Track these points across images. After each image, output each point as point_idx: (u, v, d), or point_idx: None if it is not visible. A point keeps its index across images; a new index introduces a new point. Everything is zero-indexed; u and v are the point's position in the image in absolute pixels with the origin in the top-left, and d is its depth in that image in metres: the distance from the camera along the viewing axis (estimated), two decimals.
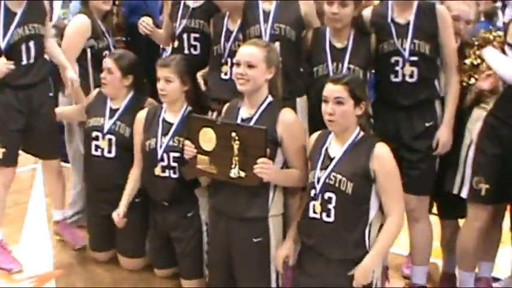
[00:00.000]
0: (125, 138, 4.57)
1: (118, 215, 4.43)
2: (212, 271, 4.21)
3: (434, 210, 4.58)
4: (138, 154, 4.51)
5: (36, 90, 4.64)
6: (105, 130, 4.59)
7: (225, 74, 4.49)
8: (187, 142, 3.97)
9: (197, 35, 4.76)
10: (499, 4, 7.84)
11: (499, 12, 7.98)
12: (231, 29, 4.53)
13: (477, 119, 4.15)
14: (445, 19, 4.10)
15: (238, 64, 3.87)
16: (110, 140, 4.57)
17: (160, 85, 4.33)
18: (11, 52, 4.47)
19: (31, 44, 4.55)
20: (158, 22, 5.37)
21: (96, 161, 4.62)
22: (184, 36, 4.77)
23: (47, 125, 4.71)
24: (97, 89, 4.83)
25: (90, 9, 4.99)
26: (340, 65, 4.11)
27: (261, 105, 3.90)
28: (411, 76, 4.09)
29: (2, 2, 4.48)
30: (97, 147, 4.60)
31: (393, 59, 4.10)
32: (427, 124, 4.15)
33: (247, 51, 3.87)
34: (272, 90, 3.93)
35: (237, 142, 3.73)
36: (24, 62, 4.53)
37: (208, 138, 3.87)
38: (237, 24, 4.50)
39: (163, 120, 4.40)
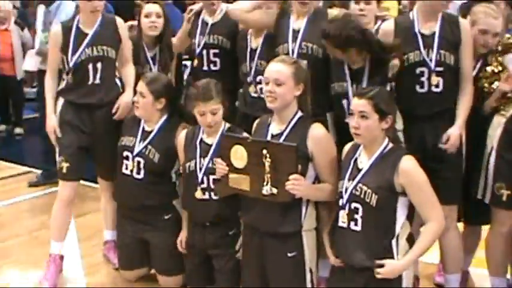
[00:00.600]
0: (153, 163, 4.57)
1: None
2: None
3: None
4: None
5: (101, 111, 4.75)
6: (135, 152, 4.62)
7: (255, 92, 4.57)
8: (218, 160, 4.03)
9: (217, 51, 4.85)
10: None
11: None
12: (254, 47, 4.59)
13: (497, 125, 4.21)
14: (467, 32, 4.16)
15: (267, 82, 3.93)
16: (138, 162, 4.59)
17: (208, 118, 4.27)
18: (78, 70, 4.65)
19: (98, 65, 4.69)
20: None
21: (125, 179, 4.66)
22: (204, 52, 4.85)
23: (107, 147, 4.78)
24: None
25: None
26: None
27: (290, 120, 3.94)
28: (437, 86, 4.13)
29: (75, 22, 4.70)
30: (127, 166, 4.65)
31: (418, 70, 4.14)
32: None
33: (275, 69, 3.91)
34: (301, 106, 3.98)
35: (268, 159, 3.78)
36: (90, 81, 4.68)
37: (239, 156, 3.92)
38: (260, 41, 4.57)
39: (201, 141, 4.39)
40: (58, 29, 4.74)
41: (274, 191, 3.81)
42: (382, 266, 3.61)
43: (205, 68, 4.89)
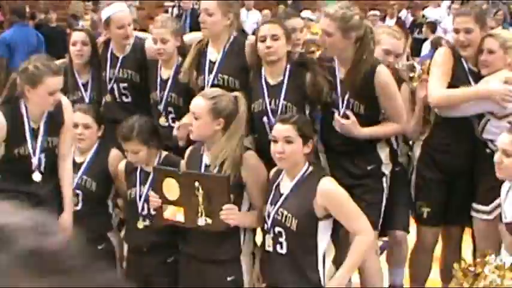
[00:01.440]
0: (91, 192, 4.52)
1: None
2: None
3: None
4: None
5: None
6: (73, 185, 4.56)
7: (165, 121, 4.67)
8: (151, 193, 4.06)
9: (126, 85, 4.91)
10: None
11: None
12: (165, 78, 4.68)
13: (417, 146, 4.42)
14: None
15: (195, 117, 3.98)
16: (77, 194, 4.51)
17: (129, 157, 4.31)
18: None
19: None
20: None
21: None
22: (115, 86, 4.91)
23: None
24: None
25: None
26: (275, 101, 4.22)
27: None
28: None
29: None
30: None
31: (332, 110, 4.22)
32: (369, 167, 4.28)
33: (193, 102, 4.01)
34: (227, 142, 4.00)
35: (201, 191, 3.83)
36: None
37: (172, 188, 3.95)
38: (171, 73, 4.67)
39: (141, 170, 4.35)
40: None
41: (209, 221, 3.86)
42: None
43: (117, 100, 4.93)
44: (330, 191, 3.75)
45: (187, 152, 4.19)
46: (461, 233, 4.61)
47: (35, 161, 4.14)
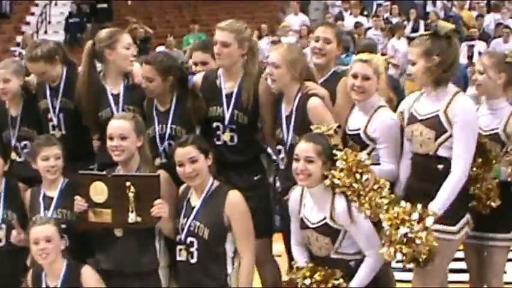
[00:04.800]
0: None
1: None
2: None
3: None
4: None
5: None
6: None
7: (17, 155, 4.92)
8: (77, 197, 4.25)
9: None
10: None
11: None
12: (14, 115, 4.93)
13: None
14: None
15: (111, 138, 4.29)
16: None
17: (51, 162, 4.45)
18: None
19: None
20: None
21: None
22: None
23: None
24: None
25: None
26: (164, 126, 4.61)
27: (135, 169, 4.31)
28: (231, 140, 4.62)
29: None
30: None
31: (215, 124, 4.62)
32: (255, 177, 4.68)
33: (117, 124, 4.31)
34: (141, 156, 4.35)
35: (132, 190, 4.11)
36: None
37: (99, 191, 4.19)
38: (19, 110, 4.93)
39: (44, 195, 4.50)
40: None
41: (139, 219, 4.14)
42: None
43: None
44: (238, 203, 4.19)
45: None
46: None
47: None
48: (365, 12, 17.64)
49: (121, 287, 4.25)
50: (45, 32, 20.10)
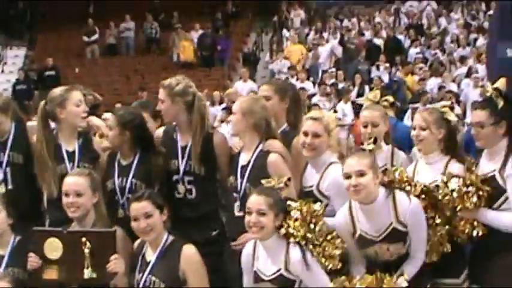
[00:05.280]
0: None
1: None
2: None
3: None
4: None
5: None
6: None
7: None
8: (31, 254, 4.21)
9: None
10: None
11: None
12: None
13: None
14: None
15: (66, 194, 4.31)
16: None
17: None
18: None
19: None
20: None
21: None
22: None
23: None
24: None
25: None
26: (125, 180, 4.67)
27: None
28: (190, 193, 4.71)
29: None
30: None
31: (174, 178, 4.72)
32: (213, 233, 4.73)
33: (72, 181, 4.34)
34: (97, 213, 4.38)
35: (88, 246, 4.10)
36: None
37: (54, 247, 4.17)
38: None
39: None
40: None
41: (94, 275, 4.13)
42: None
43: None
44: (192, 257, 4.21)
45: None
46: None
47: None
48: (311, 79, 18.08)
49: None
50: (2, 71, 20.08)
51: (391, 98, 5.12)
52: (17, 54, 22.66)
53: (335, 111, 12.16)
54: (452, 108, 4.97)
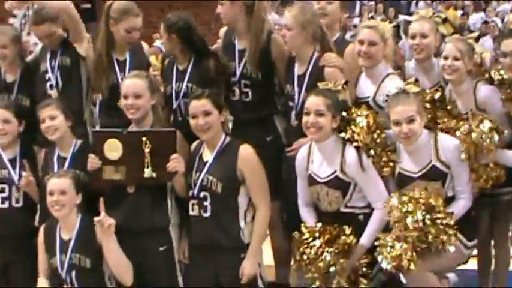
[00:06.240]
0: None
1: None
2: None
3: None
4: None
5: None
6: None
7: None
8: (91, 155, 4.29)
9: None
10: None
11: None
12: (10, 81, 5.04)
13: None
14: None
15: (125, 97, 4.35)
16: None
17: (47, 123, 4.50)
18: None
19: None
20: None
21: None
22: None
23: None
24: None
25: None
26: (181, 84, 4.70)
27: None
28: (246, 96, 4.74)
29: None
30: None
31: (231, 80, 4.75)
32: (268, 138, 4.77)
33: (131, 82, 4.38)
34: (155, 115, 4.43)
35: (149, 146, 4.17)
36: None
37: (114, 148, 4.25)
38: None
39: (58, 156, 4.55)
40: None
41: (155, 174, 4.20)
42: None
43: None
44: (250, 156, 4.25)
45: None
46: None
47: None
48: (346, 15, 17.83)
49: (131, 243, 4.26)
50: (28, 34, 19.98)
51: (443, 15, 5.06)
52: None
53: None
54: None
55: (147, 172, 4.19)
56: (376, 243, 4.05)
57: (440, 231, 3.95)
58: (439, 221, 3.95)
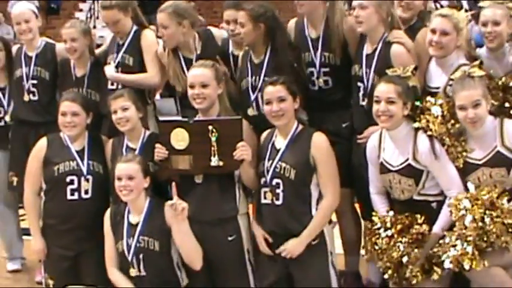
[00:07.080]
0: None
1: None
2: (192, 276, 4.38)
3: None
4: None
5: None
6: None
7: None
8: (158, 145, 4.29)
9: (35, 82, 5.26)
10: None
11: None
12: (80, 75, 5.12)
13: None
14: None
15: (191, 86, 4.32)
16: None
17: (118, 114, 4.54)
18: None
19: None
20: None
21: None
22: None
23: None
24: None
25: None
26: (257, 78, 4.60)
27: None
28: (326, 84, 4.65)
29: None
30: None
31: (309, 70, 4.66)
32: (343, 125, 4.67)
33: (198, 73, 4.37)
34: (221, 104, 4.39)
35: (215, 134, 4.14)
36: None
37: (181, 137, 4.23)
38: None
39: (127, 147, 4.58)
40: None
41: (221, 163, 4.18)
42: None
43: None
44: (323, 144, 4.19)
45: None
46: None
47: None
48: None
49: (200, 233, 4.24)
50: (94, 27, 20.33)
51: None
52: None
53: None
54: None
55: (214, 161, 4.17)
56: (440, 241, 3.94)
57: (502, 231, 3.78)
58: (499, 219, 3.79)
